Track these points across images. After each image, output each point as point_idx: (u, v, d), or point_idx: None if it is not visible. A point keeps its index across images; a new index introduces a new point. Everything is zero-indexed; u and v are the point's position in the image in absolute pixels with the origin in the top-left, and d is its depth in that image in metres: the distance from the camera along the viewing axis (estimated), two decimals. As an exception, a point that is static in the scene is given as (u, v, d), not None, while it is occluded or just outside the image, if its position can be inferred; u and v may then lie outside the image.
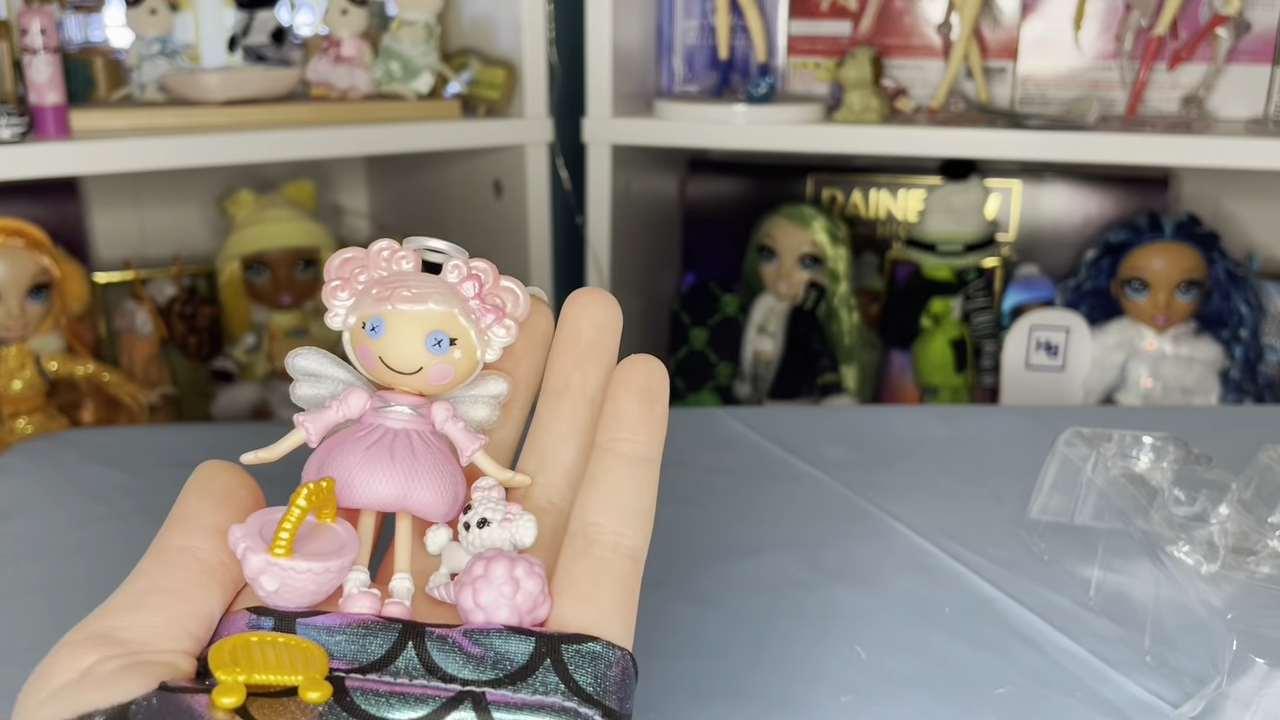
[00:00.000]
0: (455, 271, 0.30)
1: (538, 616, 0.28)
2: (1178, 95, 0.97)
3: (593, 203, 1.00)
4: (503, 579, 0.27)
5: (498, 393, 0.32)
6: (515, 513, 0.30)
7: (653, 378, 0.31)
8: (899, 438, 0.63)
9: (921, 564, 0.49)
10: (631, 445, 0.30)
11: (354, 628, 0.27)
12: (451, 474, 0.30)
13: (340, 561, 0.27)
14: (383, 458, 0.29)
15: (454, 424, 0.31)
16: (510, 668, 0.26)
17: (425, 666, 0.26)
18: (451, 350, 0.30)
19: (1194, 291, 0.94)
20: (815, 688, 0.40)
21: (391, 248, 0.31)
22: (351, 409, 0.30)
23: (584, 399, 0.32)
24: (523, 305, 0.31)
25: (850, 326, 1.03)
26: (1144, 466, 0.48)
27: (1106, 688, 0.40)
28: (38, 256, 0.86)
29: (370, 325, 0.30)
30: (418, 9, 0.96)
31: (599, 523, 0.29)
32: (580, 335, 0.32)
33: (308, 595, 0.27)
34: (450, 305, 0.30)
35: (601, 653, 0.27)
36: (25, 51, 0.78)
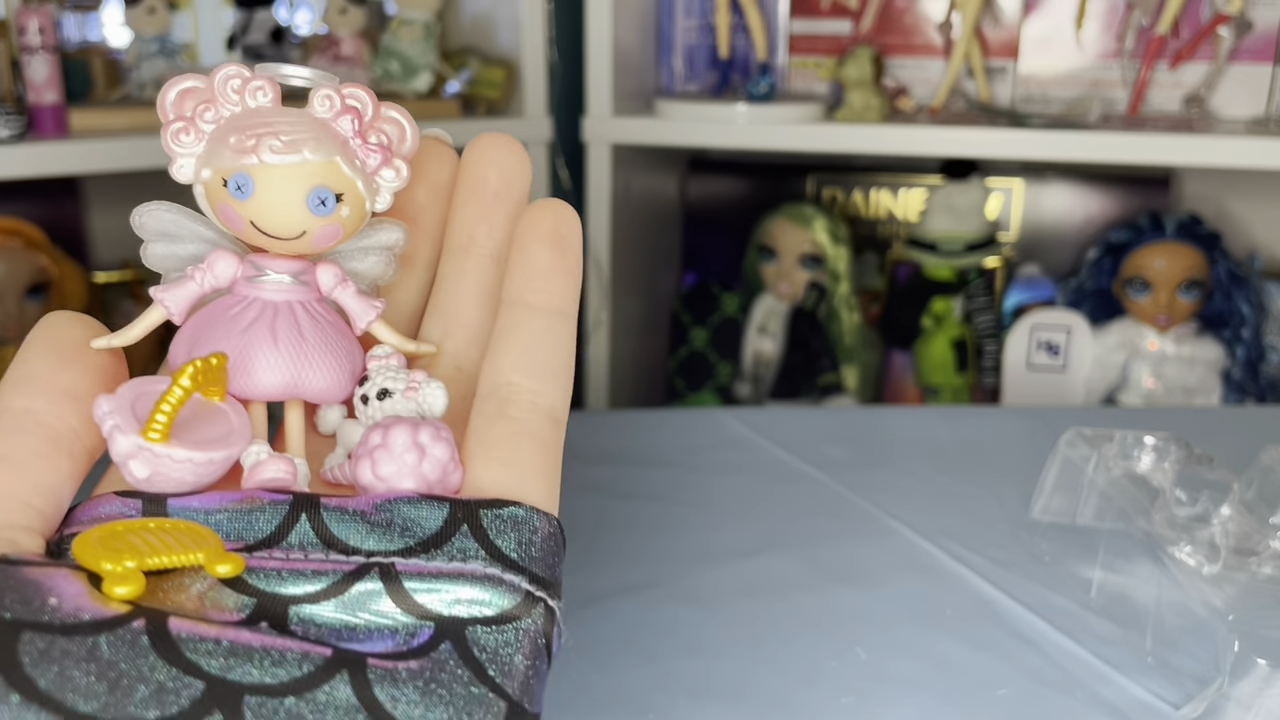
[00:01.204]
0: (326, 103, 0.25)
1: (449, 486, 0.24)
2: (1179, 94, 0.97)
3: (593, 202, 0.99)
4: (404, 446, 0.24)
5: (391, 242, 0.27)
6: (420, 380, 0.26)
7: (563, 223, 0.27)
8: (900, 438, 0.63)
9: (922, 565, 0.49)
10: (544, 296, 0.27)
11: (237, 505, 0.23)
12: (347, 350, 0.26)
13: (226, 452, 0.24)
14: (264, 341, 0.25)
15: (345, 289, 0.27)
16: (421, 535, 0.23)
17: (322, 539, 0.23)
18: (338, 208, 0.25)
19: (1196, 291, 0.94)
20: (815, 689, 0.40)
21: (243, 76, 0.25)
22: (219, 278, 0.26)
23: (491, 254, 0.29)
24: (410, 138, 0.26)
25: (851, 326, 1.03)
26: (1146, 467, 0.48)
27: (1108, 689, 0.40)
28: (36, 256, 0.86)
29: (235, 183, 0.24)
30: (417, 8, 0.96)
31: (513, 382, 0.26)
32: (485, 184, 0.29)
33: (184, 486, 0.24)
34: (329, 151, 0.25)
35: (525, 517, 0.24)
36: (23, 50, 0.78)
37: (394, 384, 0.26)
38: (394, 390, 0.26)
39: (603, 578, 0.47)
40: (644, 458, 0.60)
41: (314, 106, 0.25)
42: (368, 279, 0.27)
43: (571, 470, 0.58)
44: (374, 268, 0.27)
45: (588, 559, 0.49)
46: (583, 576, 0.47)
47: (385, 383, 0.26)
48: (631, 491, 0.56)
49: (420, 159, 0.28)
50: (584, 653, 0.42)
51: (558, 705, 0.39)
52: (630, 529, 0.52)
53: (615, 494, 0.55)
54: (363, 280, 0.27)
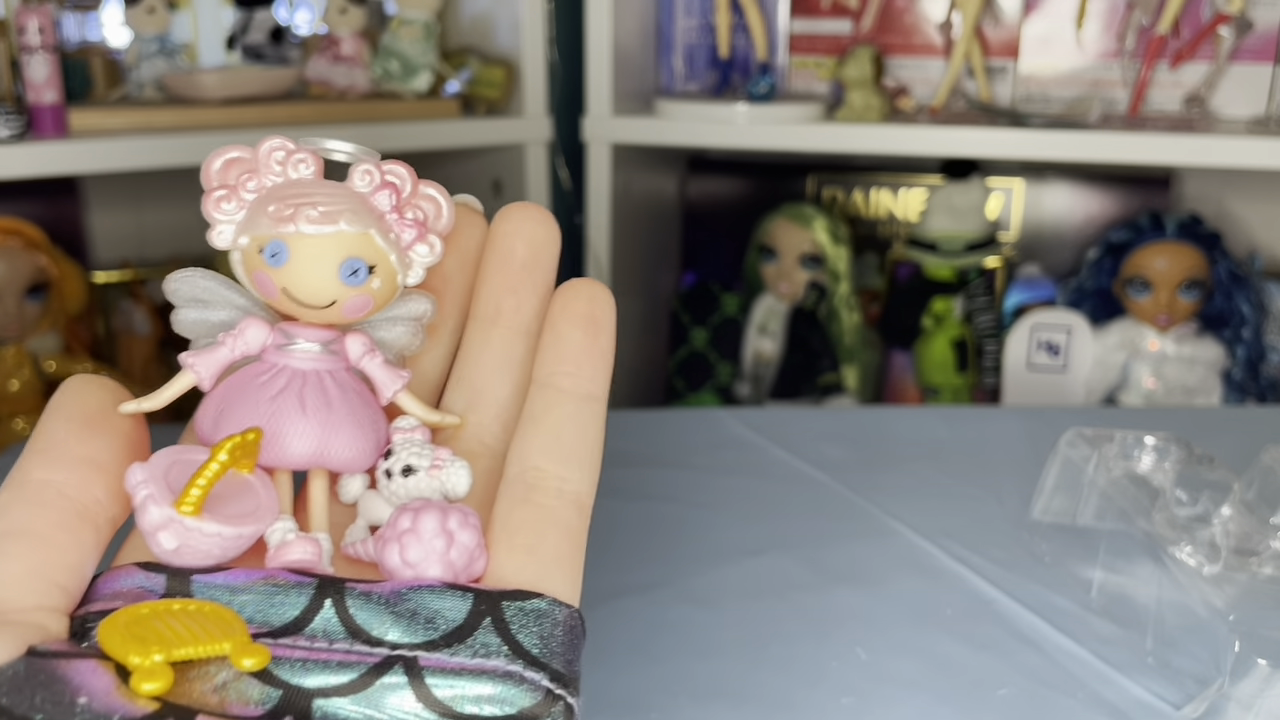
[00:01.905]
0: (366, 178, 0.26)
1: (473, 573, 0.25)
2: (1180, 94, 0.97)
3: (593, 202, 0.99)
4: (434, 532, 0.24)
5: (420, 313, 0.27)
6: (445, 458, 0.26)
7: (597, 304, 0.27)
8: (900, 438, 0.63)
9: (923, 565, 0.49)
10: (574, 380, 0.27)
11: (262, 585, 0.23)
12: (372, 420, 0.26)
13: (255, 528, 0.24)
14: (292, 409, 0.25)
15: (372, 359, 0.27)
16: (445, 627, 0.23)
17: (347, 628, 0.23)
18: (370, 279, 0.25)
19: (1196, 291, 0.94)
20: (816, 689, 0.40)
21: (286, 148, 0.25)
22: (250, 344, 0.26)
23: (518, 328, 0.28)
24: (446, 216, 0.27)
25: (851, 326, 1.03)
26: (1146, 467, 0.48)
27: (1108, 689, 0.40)
28: (35, 256, 0.86)
29: (270, 250, 0.25)
30: (417, 7, 0.96)
31: (540, 467, 0.26)
32: (513, 255, 0.28)
33: (209, 559, 0.23)
34: (365, 224, 0.25)
35: (547, 610, 0.24)
36: (23, 50, 0.77)
37: (419, 460, 0.26)
38: (418, 467, 0.26)
39: (604, 578, 0.47)
40: (644, 458, 0.60)
41: (354, 180, 0.26)
42: (394, 349, 0.28)
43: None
44: (401, 338, 0.27)
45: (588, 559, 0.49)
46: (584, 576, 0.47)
47: (410, 459, 0.26)
48: (632, 491, 0.56)
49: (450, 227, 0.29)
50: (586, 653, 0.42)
51: (558, 705, 0.39)
52: (631, 529, 0.52)
53: (616, 494, 0.55)
54: (389, 350, 0.27)
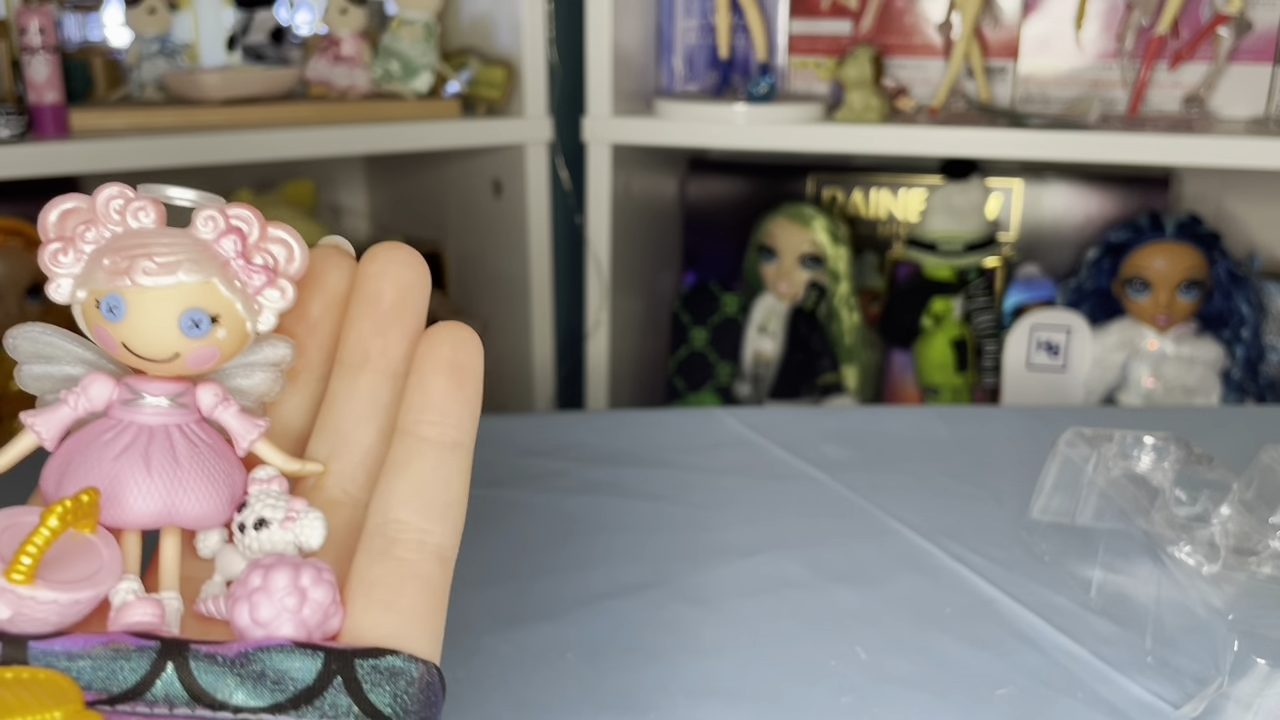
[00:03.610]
0: (209, 224, 0.25)
1: (328, 630, 0.24)
2: (1179, 95, 0.97)
3: (593, 202, 0.99)
4: (285, 589, 0.23)
5: (278, 359, 0.27)
6: (299, 510, 0.26)
7: (462, 350, 0.26)
8: (899, 438, 0.63)
9: (922, 564, 0.49)
10: (439, 429, 0.26)
11: (101, 650, 0.22)
12: (226, 474, 0.26)
13: (94, 592, 0.23)
14: (136, 469, 0.24)
15: (226, 409, 0.26)
16: (293, 689, 0.22)
17: (190, 693, 0.22)
18: (214, 330, 0.25)
19: (1195, 291, 0.94)
20: (815, 688, 0.40)
21: (124, 196, 0.25)
22: (94, 401, 0.25)
23: (385, 372, 0.28)
24: (298, 260, 0.26)
25: (851, 326, 1.03)
26: (1145, 467, 0.48)
27: (1107, 688, 0.40)
28: (36, 256, 0.86)
29: (107, 305, 0.24)
30: (417, 8, 0.96)
31: (401, 519, 0.25)
32: (380, 298, 0.27)
33: (48, 626, 0.23)
34: (206, 273, 0.24)
35: (402, 668, 0.23)
36: (24, 51, 0.78)
37: (272, 513, 0.25)
38: (271, 520, 0.25)
39: (603, 577, 0.47)
40: (644, 458, 0.60)
41: (196, 227, 0.25)
42: (253, 396, 0.27)
43: (572, 470, 0.59)
44: (259, 385, 0.27)
45: (588, 559, 0.49)
46: (582, 576, 0.47)
47: (263, 511, 0.25)
48: (632, 491, 0.56)
49: (316, 269, 0.28)
50: (583, 653, 0.42)
51: (558, 705, 0.39)
52: (631, 529, 0.52)
53: (616, 494, 0.55)
54: (248, 397, 0.27)
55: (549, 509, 0.54)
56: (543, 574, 0.47)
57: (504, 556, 0.49)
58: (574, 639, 0.43)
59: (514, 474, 0.57)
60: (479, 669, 0.40)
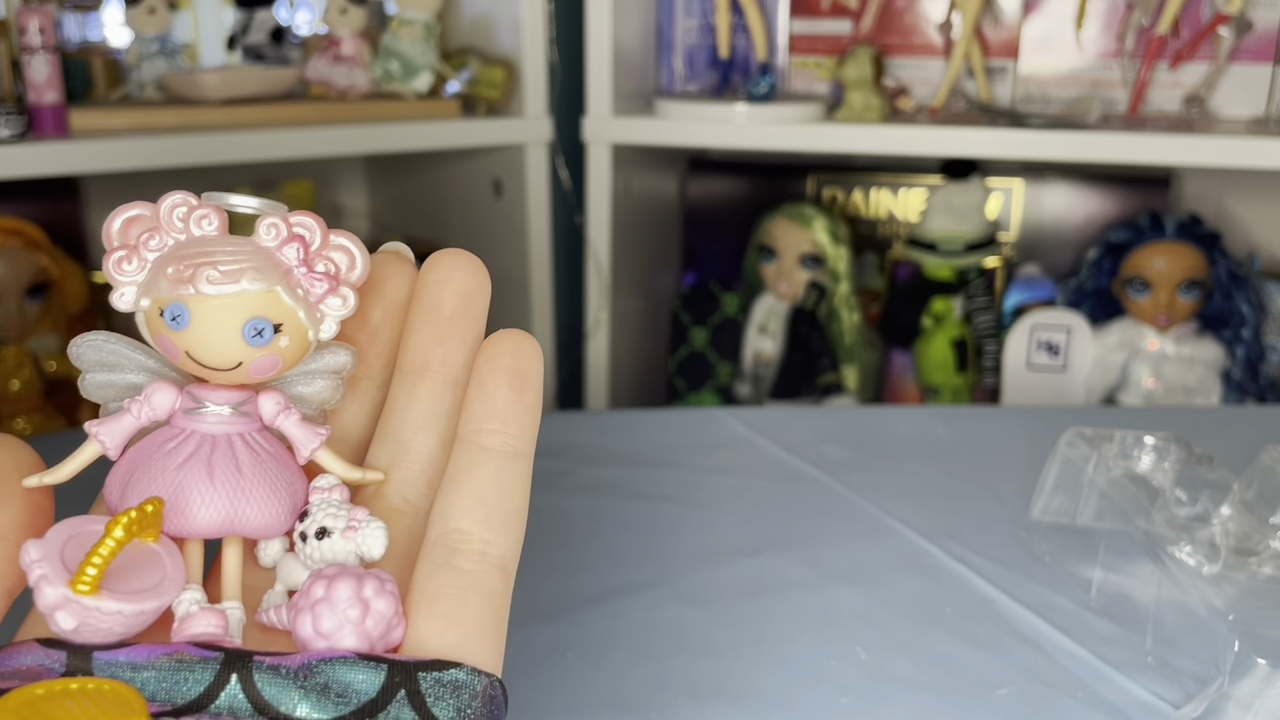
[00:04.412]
0: (272, 232, 0.25)
1: (391, 641, 0.24)
2: (1179, 94, 0.97)
3: (593, 202, 0.99)
4: (348, 601, 0.23)
5: (339, 367, 0.27)
6: (361, 519, 0.25)
7: (523, 358, 0.26)
8: (900, 438, 0.63)
9: (922, 564, 0.49)
10: (500, 438, 0.26)
11: (166, 661, 0.22)
12: (288, 483, 0.26)
13: (158, 602, 0.23)
14: (199, 478, 0.24)
15: (288, 417, 0.26)
16: (357, 702, 0.22)
17: (254, 704, 0.22)
18: (276, 339, 0.25)
19: (1196, 291, 0.94)
20: (815, 688, 0.40)
21: (189, 205, 0.25)
22: (157, 410, 0.25)
23: (446, 380, 0.27)
24: (360, 268, 0.26)
25: (851, 326, 1.03)
26: (1146, 467, 0.48)
27: (1108, 688, 0.40)
28: (36, 256, 0.86)
29: (170, 313, 0.24)
30: (417, 8, 0.96)
31: (462, 529, 0.25)
32: (441, 306, 0.27)
33: (112, 636, 0.23)
34: (269, 281, 0.24)
35: (466, 681, 0.23)
36: (24, 50, 0.78)
37: (333, 522, 0.25)
38: (333, 530, 0.25)
39: (603, 578, 0.47)
40: (644, 458, 0.60)
41: (260, 235, 0.25)
42: (314, 404, 0.27)
43: (572, 470, 0.59)
44: (320, 393, 0.27)
45: (588, 559, 0.49)
46: (583, 576, 0.47)
47: (324, 520, 0.25)
48: (632, 491, 0.56)
49: (376, 276, 0.28)
50: (584, 653, 0.42)
51: (558, 705, 0.39)
52: (630, 529, 0.52)
53: (616, 494, 0.55)
54: (309, 405, 0.27)
55: (550, 509, 0.54)
56: (543, 574, 0.47)
57: (504, 556, 0.49)
58: (574, 639, 0.43)
59: (514, 474, 0.57)
60: (479, 669, 0.40)
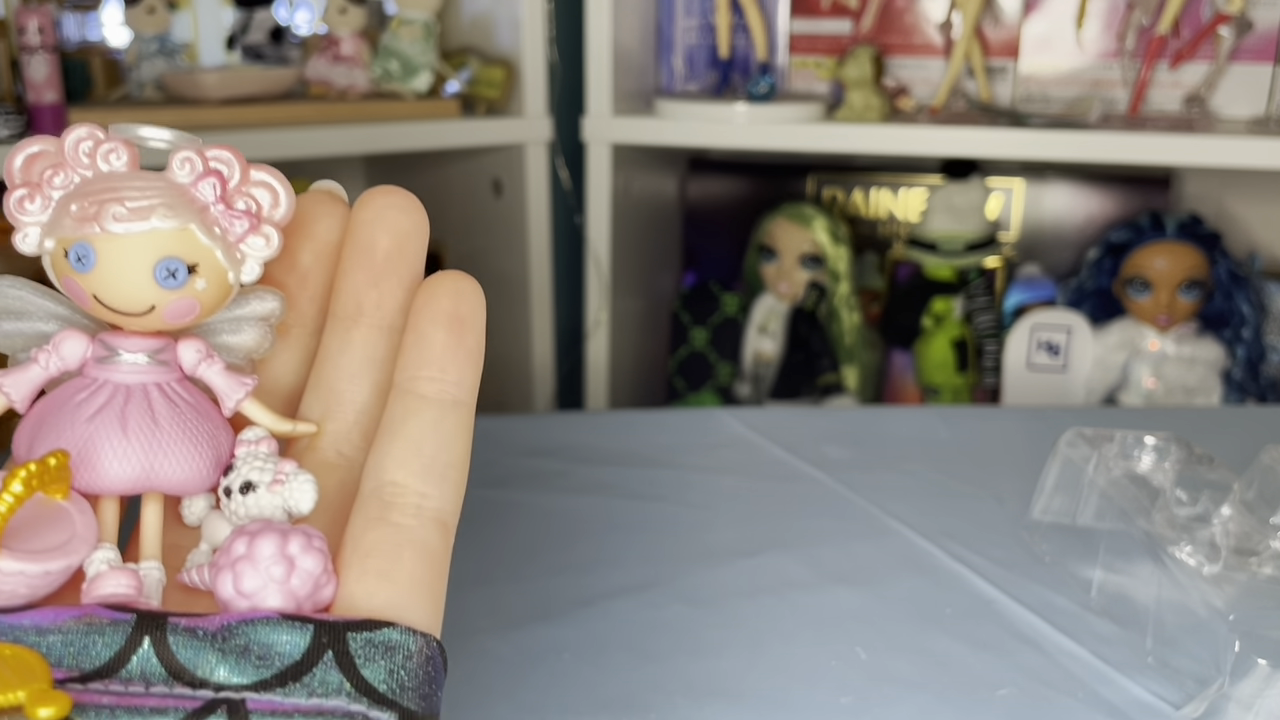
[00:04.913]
0: (186, 167, 0.23)
1: (320, 601, 0.22)
2: (1180, 94, 0.97)
3: (593, 202, 0.99)
4: (271, 558, 0.22)
5: (266, 312, 0.25)
6: (288, 472, 0.24)
7: (463, 301, 0.24)
8: (900, 438, 0.63)
9: (922, 565, 0.49)
10: (438, 385, 0.24)
11: (74, 624, 0.21)
12: (210, 435, 0.24)
13: (65, 562, 0.22)
14: (112, 430, 0.23)
15: (210, 365, 0.24)
16: (280, 665, 0.21)
17: (168, 669, 0.20)
18: (192, 280, 0.23)
19: (1196, 291, 0.93)
20: (815, 689, 0.40)
21: (95, 138, 0.23)
22: (67, 359, 0.24)
23: (381, 325, 0.26)
24: (284, 205, 0.24)
25: (851, 326, 1.03)
26: (1146, 467, 0.48)
27: (1108, 689, 0.40)
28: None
29: (75, 254, 0.23)
30: (417, 7, 0.96)
31: (397, 481, 0.24)
32: (375, 247, 0.25)
33: (15, 599, 0.21)
34: (183, 219, 0.22)
35: (399, 641, 0.22)
36: (23, 50, 0.77)
37: (259, 476, 0.24)
38: (258, 484, 0.24)
39: (603, 578, 0.47)
40: (644, 458, 0.60)
41: (173, 170, 0.23)
42: (241, 352, 0.25)
43: (571, 471, 0.58)
44: (247, 340, 0.25)
45: (588, 559, 0.49)
46: (582, 576, 0.47)
47: (250, 474, 0.24)
48: (631, 491, 0.56)
49: (307, 216, 0.26)
50: (584, 653, 0.42)
51: (556, 706, 0.39)
52: (631, 529, 0.52)
53: (615, 494, 0.55)
54: (235, 354, 0.25)
55: (549, 509, 0.54)
56: (542, 574, 0.47)
57: (504, 556, 0.49)
58: (574, 639, 0.43)
59: (514, 474, 0.57)
60: (479, 669, 0.40)
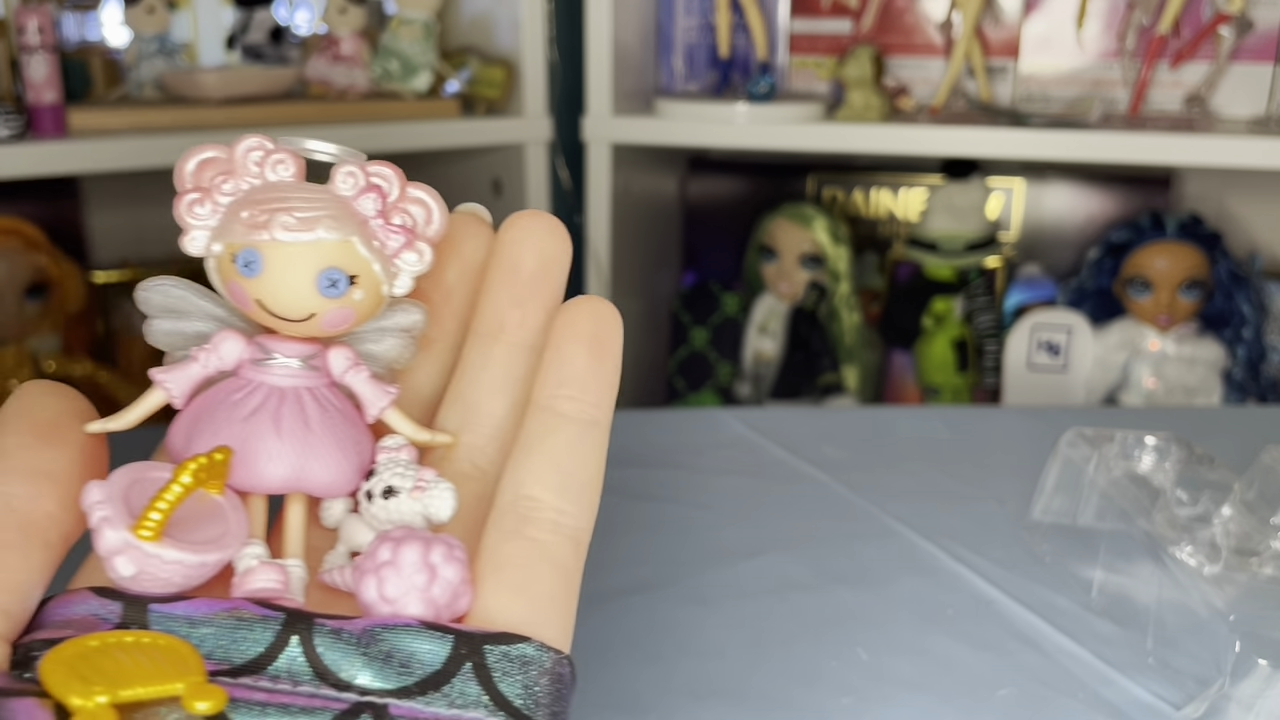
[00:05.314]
0: (349, 180, 0.24)
1: (456, 610, 0.23)
2: (1180, 94, 0.97)
3: (593, 202, 0.99)
4: (415, 566, 0.22)
5: (410, 325, 0.26)
6: (429, 480, 0.24)
7: (604, 324, 0.25)
8: (900, 438, 0.63)
9: (923, 565, 0.49)
10: (577, 405, 0.25)
11: (224, 618, 0.21)
12: (355, 441, 0.25)
13: (220, 555, 0.22)
14: (266, 430, 0.24)
15: (357, 374, 0.25)
16: (421, 673, 0.21)
17: (314, 669, 0.21)
18: (351, 290, 0.24)
19: (1196, 291, 0.93)
20: (815, 689, 0.40)
21: (264, 148, 0.24)
22: (224, 359, 0.25)
23: (522, 344, 0.26)
24: (437, 220, 0.25)
25: (851, 326, 1.03)
26: (1146, 467, 0.48)
27: (1108, 689, 0.40)
28: (35, 256, 0.86)
29: (243, 259, 0.23)
30: (417, 7, 0.96)
31: (535, 496, 0.24)
32: (520, 267, 0.26)
33: (170, 587, 0.22)
34: (346, 231, 0.23)
35: (534, 656, 0.22)
36: (22, 50, 0.77)
37: (401, 482, 0.24)
38: (400, 489, 0.24)
39: (604, 578, 0.47)
40: (644, 458, 0.59)
41: (336, 183, 0.24)
42: (383, 362, 0.26)
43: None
44: (390, 350, 0.26)
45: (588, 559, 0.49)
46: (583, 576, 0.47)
47: (392, 479, 0.24)
48: (631, 491, 0.55)
49: (453, 235, 0.27)
50: (583, 653, 0.42)
51: (557, 706, 0.38)
52: (629, 529, 0.52)
53: (615, 494, 0.55)
54: (378, 363, 0.26)
55: (548, 509, 0.53)
56: (542, 574, 0.47)
57: (503, 557, 0.49)
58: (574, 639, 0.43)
59: (513, 474, 0.57)
60: (478, 670, 0.40)
